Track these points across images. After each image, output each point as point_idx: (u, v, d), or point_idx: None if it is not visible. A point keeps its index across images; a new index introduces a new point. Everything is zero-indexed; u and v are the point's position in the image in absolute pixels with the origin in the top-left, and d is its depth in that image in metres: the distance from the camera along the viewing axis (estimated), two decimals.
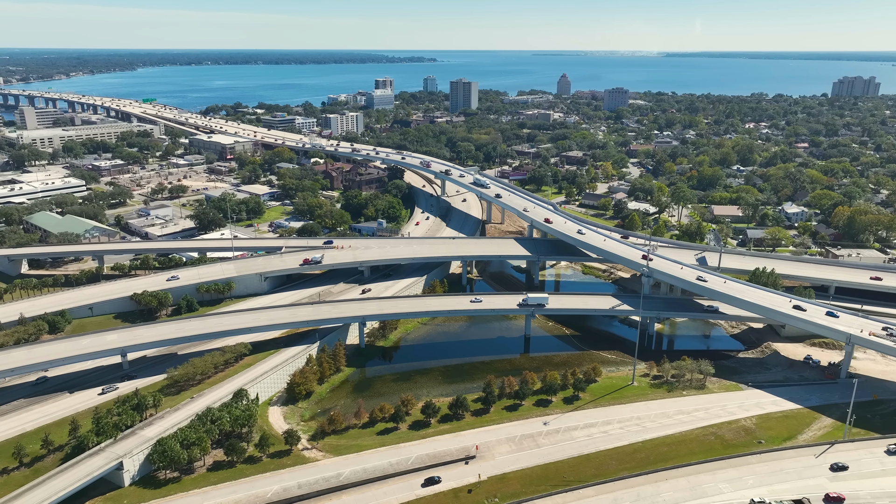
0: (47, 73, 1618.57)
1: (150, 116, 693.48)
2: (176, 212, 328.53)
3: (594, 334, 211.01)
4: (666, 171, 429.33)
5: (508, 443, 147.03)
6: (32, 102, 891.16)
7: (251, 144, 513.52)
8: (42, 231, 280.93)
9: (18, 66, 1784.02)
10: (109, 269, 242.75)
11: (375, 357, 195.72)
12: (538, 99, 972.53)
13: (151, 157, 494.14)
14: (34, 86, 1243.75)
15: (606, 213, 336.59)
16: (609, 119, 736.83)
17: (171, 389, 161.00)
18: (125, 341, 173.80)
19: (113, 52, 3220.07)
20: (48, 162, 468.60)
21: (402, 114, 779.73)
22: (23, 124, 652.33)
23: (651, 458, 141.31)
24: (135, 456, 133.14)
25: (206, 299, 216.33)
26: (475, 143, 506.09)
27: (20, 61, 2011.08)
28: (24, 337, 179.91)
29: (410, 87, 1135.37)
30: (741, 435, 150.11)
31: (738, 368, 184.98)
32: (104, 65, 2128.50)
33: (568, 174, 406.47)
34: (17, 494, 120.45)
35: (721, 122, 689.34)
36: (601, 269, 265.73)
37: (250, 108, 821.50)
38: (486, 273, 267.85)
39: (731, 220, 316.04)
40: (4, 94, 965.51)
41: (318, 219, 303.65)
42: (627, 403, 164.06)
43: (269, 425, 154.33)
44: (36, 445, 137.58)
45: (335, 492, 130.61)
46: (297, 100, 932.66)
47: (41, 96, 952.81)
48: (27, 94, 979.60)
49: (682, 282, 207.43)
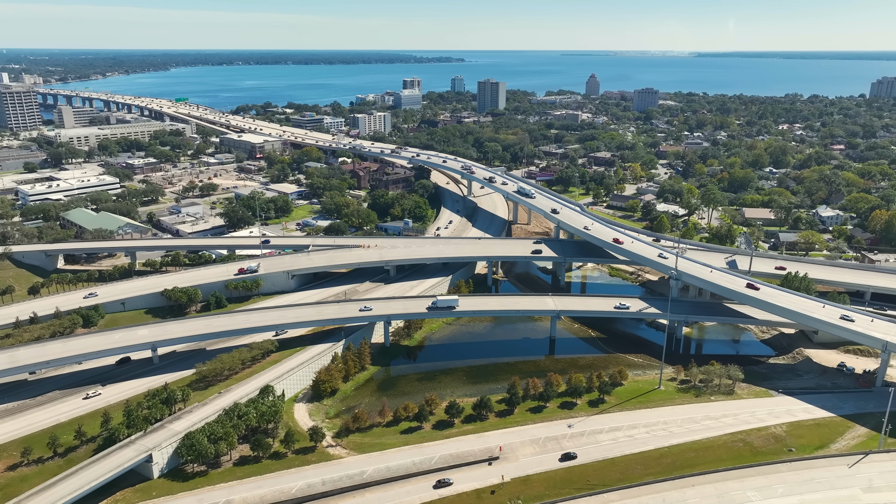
0: (85, 73, 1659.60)
1: (182, 116, 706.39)
2: (206, 210, 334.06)
3: (620, 337, 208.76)
4: (696, 172, 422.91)
5: (532, 444, 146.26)
6: (70, 102, 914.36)
7: (280, 143, 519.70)
8: (77, 227, 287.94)
9: (58, 66, 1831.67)
10: (141, 265, 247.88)
11: (400, 356, 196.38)
12: (566, 99, 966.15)
13: (183, 155, 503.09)
14: (72, 85, 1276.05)
15: (634, 215, 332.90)
16: (638, 120, 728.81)
17: (200, 384, 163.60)
18: (156, 336, 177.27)
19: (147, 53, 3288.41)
20: (84, 160, 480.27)
21: (429, 114, 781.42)
22: (61, 123, 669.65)
23: (677, 464, 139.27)
24: (164, 449, 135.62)
25: (234, 296, 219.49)
26: (502, 144, 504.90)
27: (59, 62, 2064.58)
28: (60, 330, 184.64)
29: (438, 88, 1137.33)
30: (771, 442, 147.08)
31: (768, 374, 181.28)
32: (139, 65, 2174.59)
33: (596, 175, 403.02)
34: (52, 483, 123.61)
35: (753, 124, 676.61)
36: (628, 272, 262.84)
37: (280, 108, 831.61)
38: (511, 274, 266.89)
39: (763, 224, 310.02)
40: (44, 94, 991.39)
41: (345, 218, 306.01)
42: (654, 408, 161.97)
43: (294, 422, 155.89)
44: (69, 436, 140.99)
45: (358, 489, 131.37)
46: (326, 100, 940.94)
47: (78, 96, 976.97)
48: (65, 94, 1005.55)
49: (711, 285, 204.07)
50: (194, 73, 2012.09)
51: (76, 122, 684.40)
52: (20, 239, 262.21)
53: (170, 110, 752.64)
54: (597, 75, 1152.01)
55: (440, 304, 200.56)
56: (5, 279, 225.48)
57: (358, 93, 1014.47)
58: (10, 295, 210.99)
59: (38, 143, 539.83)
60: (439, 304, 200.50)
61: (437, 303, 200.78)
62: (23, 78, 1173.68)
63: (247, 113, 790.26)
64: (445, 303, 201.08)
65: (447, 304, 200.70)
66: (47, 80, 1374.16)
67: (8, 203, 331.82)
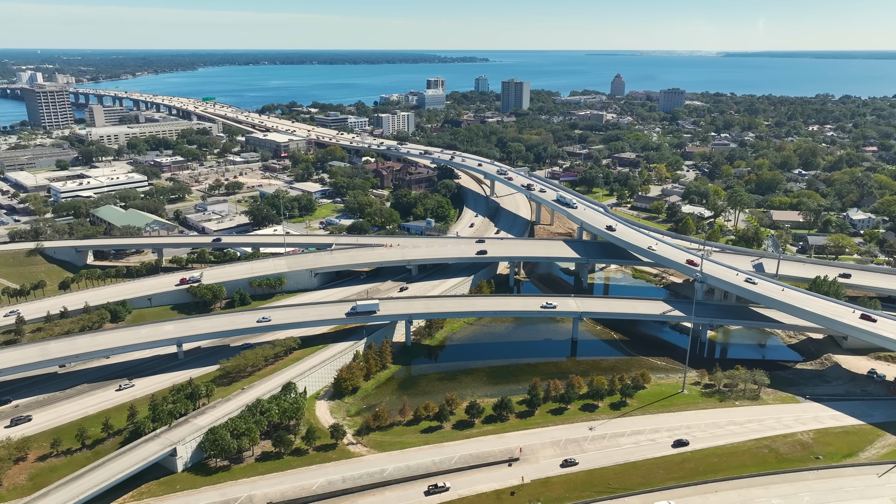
0: (115, 72, 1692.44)
1: (209, 115, 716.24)
2: (232, 208, 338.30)
3: (643, 340, 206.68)
4: (723, 174, 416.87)
5: (553, 446, 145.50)
6: (101, 101, 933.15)
7: (305, 143, 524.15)
8: (106, 224, 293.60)
9: (90, 66, 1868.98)
10: (168, 261, 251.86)
11: (421, 355, 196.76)
12: (591, 99, 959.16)
13: (210, 154, 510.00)
14: (103, 85, 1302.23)
15: (659, 217, 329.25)
16: (664, 120, 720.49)
17: (223, 380, 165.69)
18: (181, 332, 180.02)
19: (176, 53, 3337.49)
20: (114, 158, 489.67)
21: (452, 114, 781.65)
22: (92, 122, 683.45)
23: (700, 469, 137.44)
24: (188, 443, 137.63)
25: (258, 293, 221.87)
26: (526, 144, 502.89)
27: (91, 62, 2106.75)
28: (88, 325, 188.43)
29: (462, 87, 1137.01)
30: (797, 449, 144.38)
31: (795, 380, 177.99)
32: (167, 65, 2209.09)
33: (620, 176, 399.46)
34: (80, 474, 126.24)
35: (782, 125, 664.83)
36: (652, 274, 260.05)
37: (305, 108, 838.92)
38: (533, 275, 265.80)
39: (791, 226, 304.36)
40: (76, 93, 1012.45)
41: (368, 217, 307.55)
42: (677, 412, 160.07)
43: (315, 419, 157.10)
44: (97, 429, 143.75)
45: (378, 487, 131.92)
46: (350, 99, 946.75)
47: (109, 95, 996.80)
48: (96, 93, 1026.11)
49: (737, 288, 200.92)
50: (221, 73, 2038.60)
51: (106, 121, 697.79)
52: (52, 235, 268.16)
53: (197, 109, 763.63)
54: (622, 75, 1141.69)
55: (360, 308, 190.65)
56: (37, 274, 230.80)
57: (382, 92, 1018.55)
58: (41, 290, 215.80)
59: (70, 142, 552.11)
60: (359, 308, 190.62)
61: (356, 308, 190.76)
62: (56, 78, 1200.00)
63: (272, 112, 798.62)
64: (365, 307, 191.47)
65: (367, 309, 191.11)
66: (79, 79, 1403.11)
67: (41, 200, 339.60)
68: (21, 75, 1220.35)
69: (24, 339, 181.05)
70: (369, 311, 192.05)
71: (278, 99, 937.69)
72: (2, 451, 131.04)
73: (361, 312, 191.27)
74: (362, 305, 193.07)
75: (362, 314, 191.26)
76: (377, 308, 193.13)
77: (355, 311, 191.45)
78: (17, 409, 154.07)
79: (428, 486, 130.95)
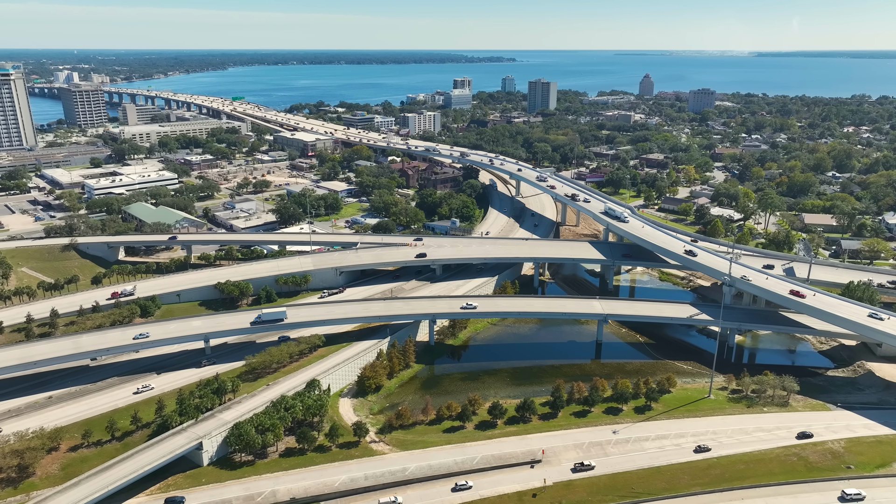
0: (148, 72, 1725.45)
1: (238, 114, 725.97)
2: (259, 206, 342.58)
3: (669, 343, 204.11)
4: (753, 176, 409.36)
5: (575, 449, 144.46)
6: (134, 100, 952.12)
7: (331, 142, 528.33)
8: (138, 220, 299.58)
9: (124, 66, 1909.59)
10: (196, 258, 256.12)
11: (444, 355, 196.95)
12: (619, 100, 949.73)
13: (238, 152, 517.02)
14: (136, 84, 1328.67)
15: (687, 219, 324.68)
16: (693, 121, 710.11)
17: (249, 376, 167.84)
18: (209, 328, 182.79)
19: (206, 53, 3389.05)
20: (145, 156, 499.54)
21: (479, 113, 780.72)
22: (125, 120, 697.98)
23: (726, 476, 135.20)
24: (213, 437, 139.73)
25: (284, 291, 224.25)
26: (552, 144, 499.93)
27: (125, 62, 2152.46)
28: (119, 319, 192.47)
29: (488, 87, 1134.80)
30: (827, 458, 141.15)
31: (826, 387, 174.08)
32: (198, 64, 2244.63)
33: (647, 177, 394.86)
34: (110, 465, 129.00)
35: (816, 126, 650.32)
36: (679, 277, 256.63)
37: (332, 107, 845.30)
38: (558, 276, 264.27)
39: (824, 230, 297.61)
40: (110, 92, 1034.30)
41: (394, 216, 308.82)
42: (703, 417, 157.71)
43: (339, 416, 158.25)
44: (126, 421, 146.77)
45: (400, 486, 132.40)
46: (377, 99, 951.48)
47: (141, 94, 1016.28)
48: (130, 92, 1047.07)
49: (766, 292, 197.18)
50: (251, 73, 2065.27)
51: (139, 120, 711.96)
52: (85, 231, 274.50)
53: (227, 108, 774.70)
54: (651, 75, 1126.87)
55: (265, 317, 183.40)
56: (71, 269, 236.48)
57: (409, 92, 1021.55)
58: (74, 284, 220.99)
59: (104, 140, 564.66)
60: (264, 317, 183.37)
61: (261, 316, 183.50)
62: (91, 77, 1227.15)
63: (300, 111, 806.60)
64: (271, 316, 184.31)
65: (273, 318, 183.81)
66: (114, 79, 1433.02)
67: (75, 196, 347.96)
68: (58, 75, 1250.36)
69: (57, 332, 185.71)
70: (276, 320, 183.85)
71: (306, 98, 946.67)
72: (35, 440, 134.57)
73: (267, 321, 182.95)
74: (267, 314, 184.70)
75: (268, 322, 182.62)
76: (284, 316, 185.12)
77: (260, 319, 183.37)
78: (50, 399, 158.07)
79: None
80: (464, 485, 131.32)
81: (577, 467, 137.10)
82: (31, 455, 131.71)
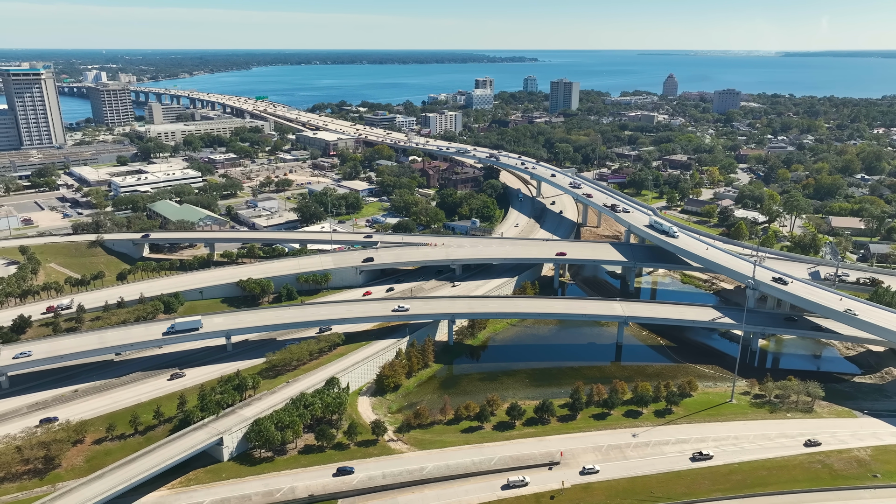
0: (174, 72, 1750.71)
1: (261, 113, 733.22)
2: (281, 204, 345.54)
3: (691, 346, 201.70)
4: (779, 178, 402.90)
5: (594, 451, 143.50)
6: (160, 99, 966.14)
7: (353, 141, 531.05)
8: (162, 218, 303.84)
9: (150, 65, 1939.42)
10: (219, 255, 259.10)
11: (463, 355, 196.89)
12: (642, 100, 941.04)
13: (261, 151, 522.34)
14: (162, 84, 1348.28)
15: (710, 221, 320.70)
16: (718, 122, 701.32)
17: (269, 373, 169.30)
18: (230, 324, 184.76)
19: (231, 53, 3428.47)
20: (170, 154, 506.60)
21: (500, 113, 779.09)
22: (150, 119, 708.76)
23: (748, 482, 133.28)
24: (234, 433, 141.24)
25: (304, 289, 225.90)
26: (573, 145, 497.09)
27: (152, 61, 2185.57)
28: (143, 315, 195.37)
29: (510, 87, 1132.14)
30: (853, 466, 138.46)
31: (852, 394, 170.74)
32: (223, 64, 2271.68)
33: (670, 178, 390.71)
34: (133, 459, 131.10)
35: (845, 127, 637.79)
36: (701, 279, 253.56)
37: (354, 107, 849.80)
38: (578, 277, 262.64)
39: (852, 233, 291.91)
40: (137, 92, 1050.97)
41: (414, 216, 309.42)
42: (724, 421, 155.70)
43: (357, 414, 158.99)
44: (149, 415, 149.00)
45: (417, 485, 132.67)
46: (399, 98, 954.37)
47: (167, 93, 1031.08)
48: (156, 92, 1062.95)
49: (791, 296, 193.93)
50: (274, 72, 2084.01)
51: (164, 119, 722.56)
52: (111, 228, 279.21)
53: (250, 108, 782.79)
54: (675, 75, 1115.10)
55: (178, 327, 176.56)
56: (97, 265, 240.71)
57: (430, 92, 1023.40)
58: (100, 280, 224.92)
59: (130, 138, 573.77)
60: (177, 327, 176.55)
61: (175, 326, 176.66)
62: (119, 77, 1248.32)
63: (322, 111, 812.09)
64: (185, 325, 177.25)
65: (187, 327, 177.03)
66: (140, 78, 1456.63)
67: (102, 194, 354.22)
68: (87, 74, 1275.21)
69: (83, 327, 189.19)
70: (190, 329, 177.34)
71: (328, 98, 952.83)
72: (61, 433, 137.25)
73: (180, 331, 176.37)
74: (181, 323, 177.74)
75: (181, 332, 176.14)
76: (199, 325, 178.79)
77: (174, 329, 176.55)
78: (76, 393, 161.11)
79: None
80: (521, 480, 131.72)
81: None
82: (57, 447, 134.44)
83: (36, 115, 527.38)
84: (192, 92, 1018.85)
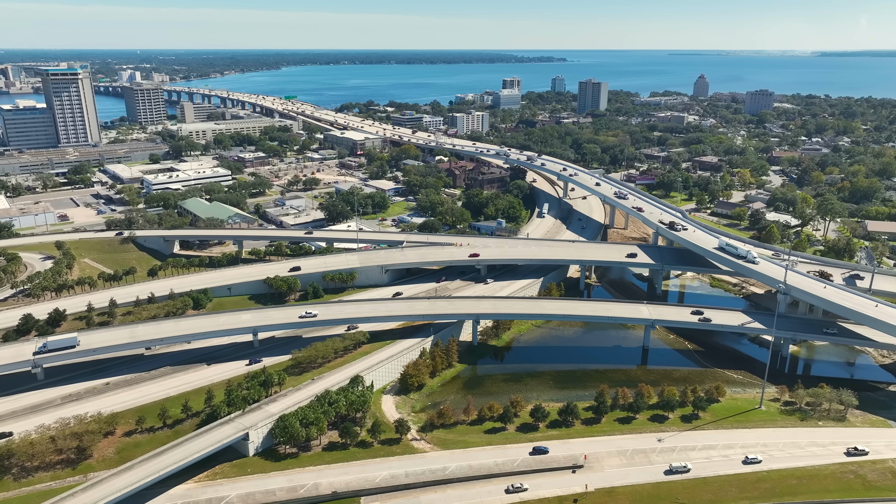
0: (205, 71, 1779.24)
1: (290, 112, 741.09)
2: (308, 203, 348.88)
3: (719, 351, 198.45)
4: (812, 180, 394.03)
5: (619, 456, 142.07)
6: (191, 98, 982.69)
7: (380, 141, 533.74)
8: (192, 215, 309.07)
9: (182, 65, 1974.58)
10: (247, 253, 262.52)
11: (487, 355, 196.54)
12: (672, 101, 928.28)
13: (289, 150, 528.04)
14: (194, 83, 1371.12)
15: (741, 224, 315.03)
16: (750, 123, 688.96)
17: (295, 370, 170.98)
18: (257, 321, 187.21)
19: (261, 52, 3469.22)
20: (201, 152, 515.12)
21: (527, 114, 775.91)
22: (182, 118, 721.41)
23: (776, 490, 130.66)
24: (259, 429, 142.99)
25: (330, 287, 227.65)
26: (601, 145, 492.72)
27: (184, 61, 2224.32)
28: (173, 310, 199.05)
29: (538, 88, 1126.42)
30: (887, 477, 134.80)
31: (887, 403, 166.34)
32: (253, 64, 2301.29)
33: (700, 180, 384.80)
34: (162, 451, 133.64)
35: (883, 129, 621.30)
36: (731, 283, 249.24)
37: (381, 106, 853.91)
38: (605, 279, 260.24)
39: (889, 238, 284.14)
40: (169, 91, 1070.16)
41: (440, 216, 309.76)
42: (753, 428, 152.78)
43: (381, 413, 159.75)
44: (177, 409, 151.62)
45: (440, 485, 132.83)
46: (426, 98, 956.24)
47: (198, 93, 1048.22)
48: (187, 91, 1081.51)
49: (823, 301, 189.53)
50: (303, 72, 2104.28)
51: (195, 118, 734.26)
52: (143, 224, 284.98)
53: (279, 107, 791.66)
54: (706, 76, 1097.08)
55: (51, 346, 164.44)
56: (129, 261, 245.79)
57: (457, 92, 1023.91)
58: (132, 276, 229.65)
59: (162, 137, 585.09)
60: (50, 346, 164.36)
61: (48, 345, 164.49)
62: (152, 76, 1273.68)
63: (350, 111, 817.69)
64: (58, 344, 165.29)
65: (60, 346, 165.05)
66: (173, 78, 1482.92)
67: (134, 191, 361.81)
68: (122, 74, 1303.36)
69: (115, 322, 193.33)
70: (66, 347, 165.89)
71: (356, 98, 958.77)
72: (93, 424, 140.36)
73: (53, 350, 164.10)
74: (54, 342, 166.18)
75: (54, 351, 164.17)
76: (76, 343, 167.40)
77: (46, 348, 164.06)
78: (107, 386, 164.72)
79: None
80: (519, 486, 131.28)
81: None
82: (89, 438, 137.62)
83: (73, 113, 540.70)
84: (223, 91, 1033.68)
